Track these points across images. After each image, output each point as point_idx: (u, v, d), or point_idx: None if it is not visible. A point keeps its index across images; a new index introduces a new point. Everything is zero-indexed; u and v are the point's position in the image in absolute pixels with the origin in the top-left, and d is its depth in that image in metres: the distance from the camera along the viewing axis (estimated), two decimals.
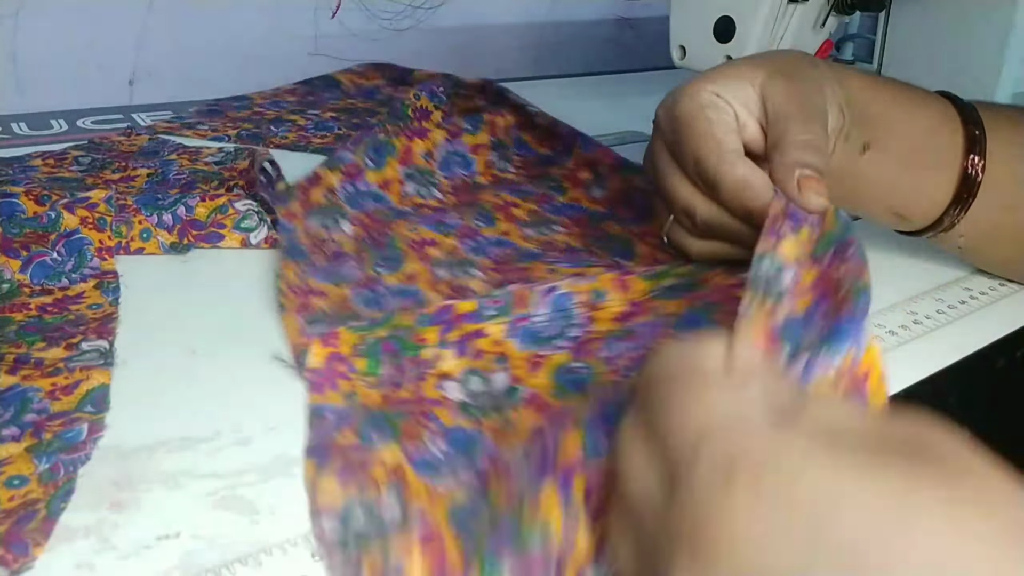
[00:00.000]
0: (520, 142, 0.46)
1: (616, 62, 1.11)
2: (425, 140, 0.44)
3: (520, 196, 0.42)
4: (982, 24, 0.72)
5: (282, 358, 0.33)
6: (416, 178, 0.43)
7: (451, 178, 0.43)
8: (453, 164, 0.43)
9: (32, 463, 0.28)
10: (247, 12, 0.82)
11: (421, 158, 0.43)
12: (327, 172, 0.40)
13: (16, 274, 0.40)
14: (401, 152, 0.42)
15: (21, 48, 0.72)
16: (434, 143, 0.45)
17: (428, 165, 0.44)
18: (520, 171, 0.44)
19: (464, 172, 0.43)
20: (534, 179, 0.43)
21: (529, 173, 0.43)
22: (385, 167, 0.41)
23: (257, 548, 0.26)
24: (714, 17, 0.57)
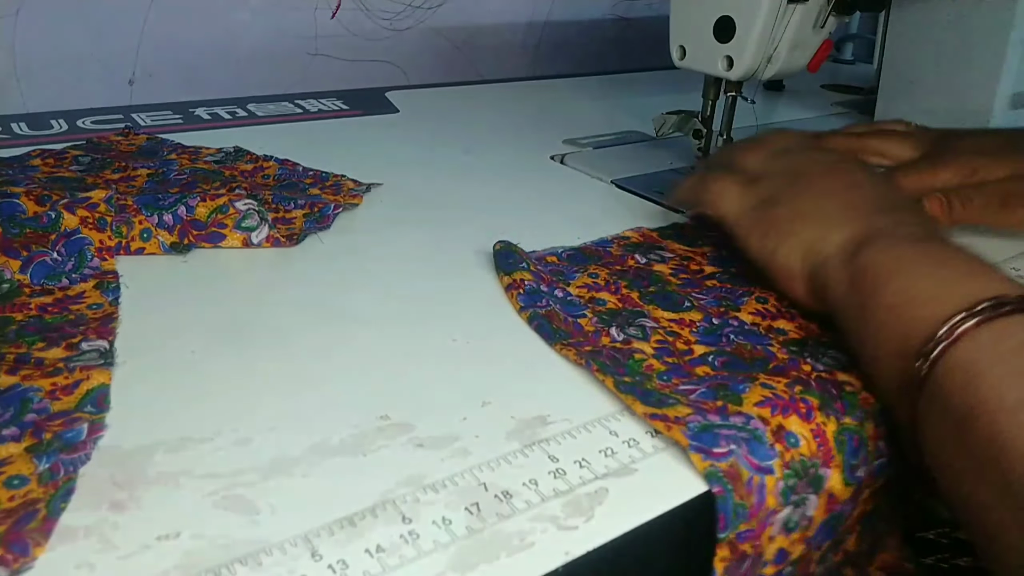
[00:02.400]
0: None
1: (616, 62, 1.11)
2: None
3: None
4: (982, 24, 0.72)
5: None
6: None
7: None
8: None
9: (32, 463, 0.28)
10: (247, 12, 0.82)
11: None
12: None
13: (16, 274, 0.40)
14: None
15: (21, 48, 0.72)
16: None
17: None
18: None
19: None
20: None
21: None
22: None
23: (257, 548, 0.26)
24: (714, 17, 0.57)
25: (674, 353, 0.38)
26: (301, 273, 0.44)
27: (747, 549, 0.30)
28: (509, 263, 0.44)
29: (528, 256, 0.45)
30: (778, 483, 0.30)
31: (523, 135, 0.71)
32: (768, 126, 0.81)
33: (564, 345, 0.37)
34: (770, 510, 0.30)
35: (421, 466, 0.30)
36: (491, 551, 0.26)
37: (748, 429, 0.31)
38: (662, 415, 0.32)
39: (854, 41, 1.14)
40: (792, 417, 0.32)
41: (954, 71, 0.75)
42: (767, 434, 0.31)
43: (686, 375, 0.36)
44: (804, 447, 0.32)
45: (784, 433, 0.32)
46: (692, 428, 0.31)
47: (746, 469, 0.30)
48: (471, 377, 0.36)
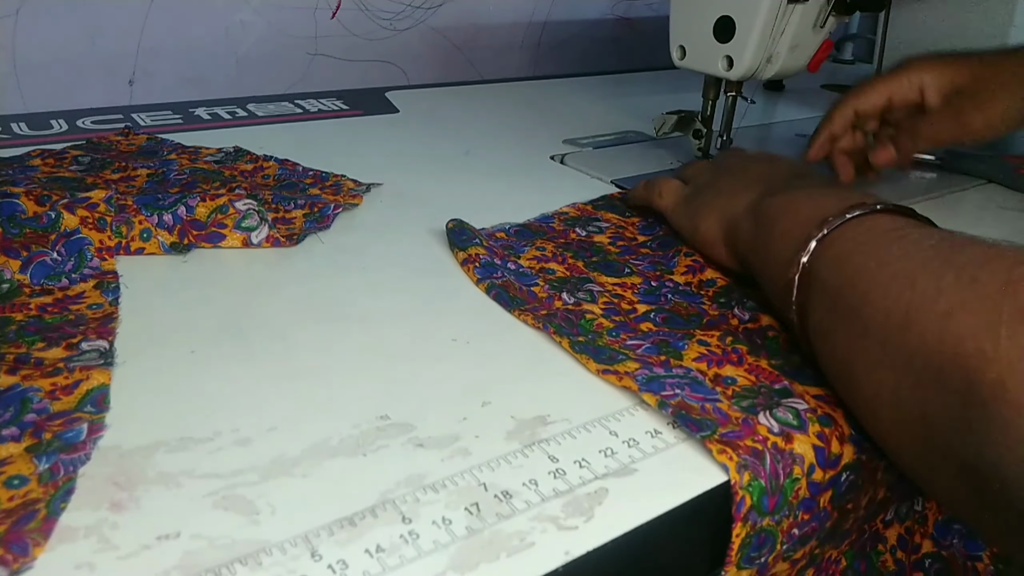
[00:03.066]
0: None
1: (616, 62, 1.11)
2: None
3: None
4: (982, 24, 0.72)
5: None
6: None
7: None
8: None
9: (32, 463, 0.28)
10: (247, 12, 0.82)
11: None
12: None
13: (16, 274, 0.40)
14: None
15: (21, 48, 0.72)
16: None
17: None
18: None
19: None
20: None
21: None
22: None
23: (257, 548, 0.26)
24: (714, 17, 0.57)
25: (620, 312, 0.42)
26: (301, 273, 0.44)
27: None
28: (463, 239, 0.47)
29: (480, 232, 0.48)
30: (732, 406, 0.34)
31: (523, 135, 0.71)
32: (768, 126, 0.81)
33: (522, 311, 0.41)
34: (729, 415, 0.33)
35: (421, 466, 0.30)
36: (491, 551, 0.26)
37: (690, 377, 0.36)
38: (613, 370, 0.36)
39: (854, 41, 1.14)
40: (727, 366, 0.37)
41: None
42: (706, 381, 0.36)
43: (632, 331, 0.40)
44: (741, 381, 0.36)
45: (722, 378, 0.36)
46: (640, 379, 0.35)
47: (694, 403, 0.34)
48: (471, 377, 0.36)
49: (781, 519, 0.31)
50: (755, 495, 0.30)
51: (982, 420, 0.25)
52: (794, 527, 0.32)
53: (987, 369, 0.25)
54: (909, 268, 0.30)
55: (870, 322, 0.30)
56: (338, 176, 0.57)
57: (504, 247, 0.48)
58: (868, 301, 0.31)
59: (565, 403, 0.34)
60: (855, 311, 0.31)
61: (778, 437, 0.32)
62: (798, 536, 0.32)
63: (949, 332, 0.26)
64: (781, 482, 0.31)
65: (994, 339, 0.25)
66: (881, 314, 0.30)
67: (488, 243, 0.47)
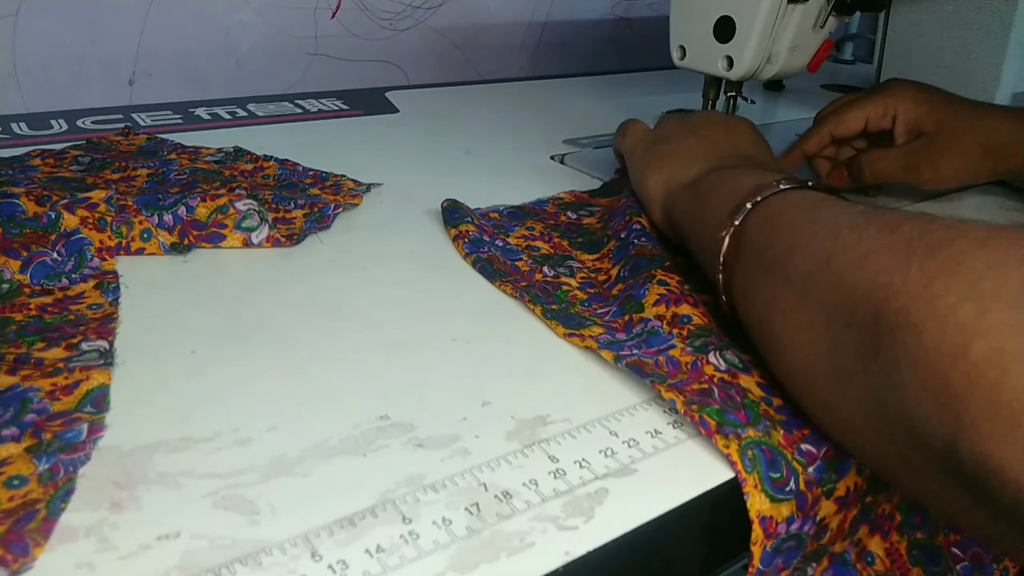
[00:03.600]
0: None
1: (616, 62, 1.11)
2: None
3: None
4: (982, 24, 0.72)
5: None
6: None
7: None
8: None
9: (32, 463, 0.28)
10: (247, 12, 0.82)
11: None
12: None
13: (16, 274, 0.40)
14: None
15: (21, 48, 0.72)
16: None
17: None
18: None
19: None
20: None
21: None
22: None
23: (257, 548, 0.26)
24: (714, 17, 0.57)
25: (595, 285, 0.44)
26: (301, 273, 0.44)
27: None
28: (455, 217, 0.50)
29: (473, 212, 0.51)
30: (684, 351, 0.36)
31: (523, 135, 0.71)
32: (768, 126, 0.81)
33: (503, 282, 0.43)
34: (680, 362, 0.36)
35: (421, 466, 0.30)
36: (491, 551, 0.26)
37: (648, 331, 0.38)
38: (579, 334, 0.38)
39: (854, 41, 1.14)
40: (684, 305, 0.39)
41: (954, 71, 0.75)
42: (663, 326, 0.38)
43: (603, 300, 0.42)
44: (696, 320, 0.38)
45: (678, 317, 0.38)
46: (602, 341, 0.38)
47: (648, 359, 0.36)
48: (471, 377, 0.36)
49: (768, 429, 0.32)
50: (715, 416, 0.32)
51: (887, 346, 0.26)
52: (796, 442, 0.32)
53: (894, 299, 0.26)
54: (834, 224, 0.31)
55: (792, 272, 0.32)
56: (338, 176, 0.57)
57: (495, 226, 0.50)
58: (792, 253, 0.32)
59: (565, 403, 0.34)
60: (779, 263, 0.33)
61: (723, 374, 0.35)
62: (808, 453, 0.32)
63: (864, 271, 0.28)
64: (740, 401, 0.33)
65: (904, 272, 0.26)
66: (802, 263, 0.31)
67: (479, 222, 0.49)
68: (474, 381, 0.35)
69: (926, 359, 0.24)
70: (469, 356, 0.37)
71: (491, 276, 0.44)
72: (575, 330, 0.38)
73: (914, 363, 0.25)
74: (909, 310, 0.25)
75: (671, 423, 0.33)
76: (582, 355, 0.38)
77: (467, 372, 0.36)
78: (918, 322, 0.25)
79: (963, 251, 0.25)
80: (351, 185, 0.56)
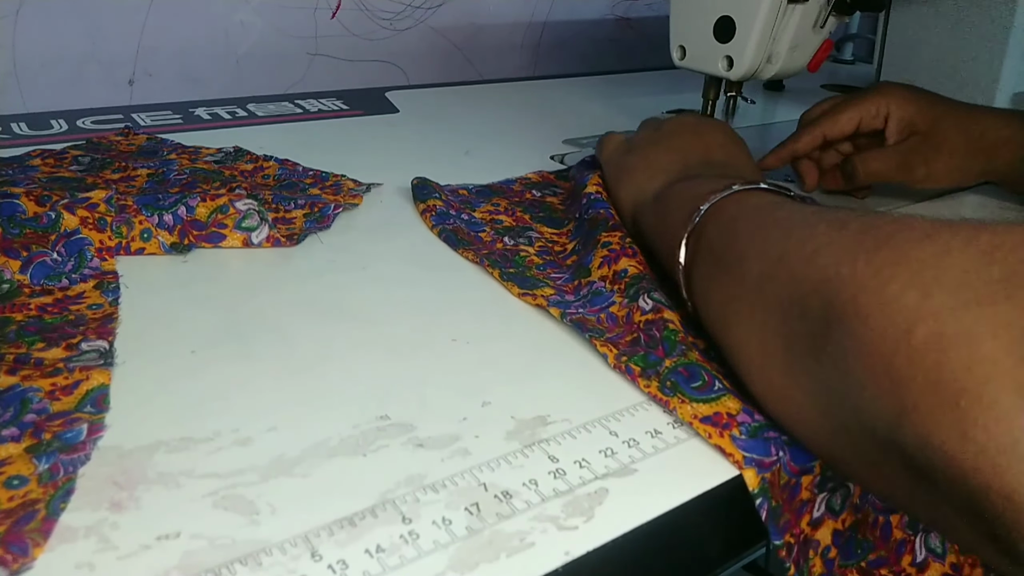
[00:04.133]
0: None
1: (616, 62, 1.11)
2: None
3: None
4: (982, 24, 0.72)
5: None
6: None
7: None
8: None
9: (32, 463, 0.28)
10: (247, 12, 0.82)
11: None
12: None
13: (16, 274, 0.40)
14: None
15: (21, 48, 0.72)
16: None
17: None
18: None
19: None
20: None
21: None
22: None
23: (257, 548, 0.26)
24: (714, 17, 0.57)
25: (552, 253, 0.48)
26: (301, 273, 0.44)
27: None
28: (424, 193, 0.53)
29: (442, 188, 0.54)
30: (622, 303, 0.40)
31: (523, 135, 0.71)
32: (768, 126, 0.81)
33: (465, 249, 0.46)
34: (617, 317, 0.39)
35: (421, 466, 0.30)
36: (491, 551, 0.26)
37: (593, 291, 0.41)
38: (532, 294, 0.42)
39: (854, 41, 1.14)
40: (622, 259, 0.42)
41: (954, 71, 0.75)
42: (606, 286, 0.41)
43: (557, 267, 0.46)
44: (631, 271, 0.41)
45: (617, 273, 0.41)
46: (552, 301, 0.41)
47: (591, 316, 0.40)
48: (471, 377, 0.36)
49: (684, 352, 0.35)
50: (639, 363, 0.35)
51: (835, 335, 0.27)
52: (713, 360, 0.36)
53: (843, 290, 0.27)
54: (787, 224, 0.32)
55: (747, 273, 0.33)
56: (338, 176, 0.57)
57: (462, 202, 0.54)
58: (747, 255, 0.33)
59: (565, 403, 0.34)
60: (734, 265, 0.34)
61: (649, 314, 0.38)
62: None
63: (814, 266, 0.29)
64: (659, 336, 0.36)
65: (852, 265, 0.27)
66: (757, 263, 0.32)
67: (447, 197, 0.53)
68: (474, 381, 0.35)
69: (871, 345, 0.25)
70: (469, 356, 0.37)
71: (455, 244, 0.47)
72: (528, 290, 0.42)
73: (860, 350, 0.25)
74: (856, 300, 0.26)
75: (671, 423, 0.33)
76: (582, 355, 0.38)
77: (467, 372, 0.36)
78: (864, 310, 0.26)
79: (908, 242, 0.26)
80: (351, 185, 0.56)
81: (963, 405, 0.22)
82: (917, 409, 0.24)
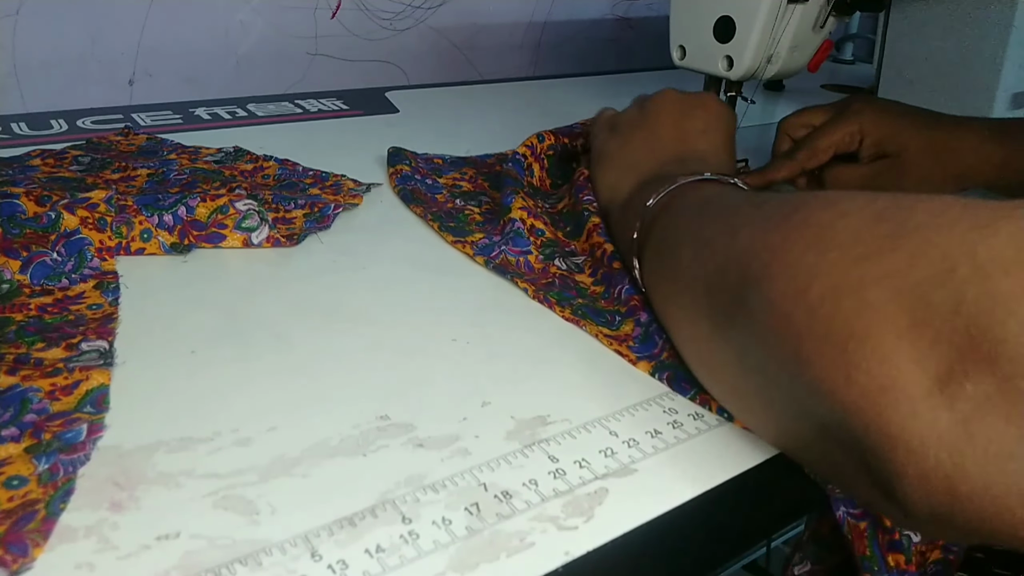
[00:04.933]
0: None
1: (616, 62, 1.11)
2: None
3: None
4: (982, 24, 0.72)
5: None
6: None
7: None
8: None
9: (31, 464, 0.28)
10: (247, 12, 0.82)
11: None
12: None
13: (16, 274, 0.40)
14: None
15: (21, 48, 0.72)
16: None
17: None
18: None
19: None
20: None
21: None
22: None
23: (257, 548, 0.26)
24: (714, 17, 0.57)
25: (494, 213, 0.51)
26: (301, 273, 0.44)
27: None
28: (395, 159, 0.58)
29: (415, 156, 0.59)
30: (538, 257, 0.46)
31: (523, 135, 0.71)
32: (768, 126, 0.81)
33: (415, 205, 0.52)
34: (534, 267, 0.45)
35: (421, 466, 0.30)
36: (491, 551, 0.26)
37: (514, 230, 0.46)
38: (463, 241, 0.47)
39: (854, 41, 1.14)
40: (539, 221, 0.47)
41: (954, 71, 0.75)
42: (524, 230, 0.46)
43: (492, 219, 0.50)
44: (547, 235, 0.47)
45: (535, 230, 0.47)
46: (479, 246, 0.46)
47: (512, 258, 0.45)
48: (471, 377, 0.36)
49: (592, 299, 0.42)
50: (555, 296, 0.42)
51: (749, 300, 0.29)
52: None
53: (755, 259, 0.29)
54: (718, 212, 0.35)
55: (681, 257, 0.35)
56: (338, 176, 0.57)
57: (432, 168, 0.58)
58: (682, 242, 0.36)
59: (565, 403, 0.34)
60: (673, 256, 0.36)
61: (564, 272, 0.45)
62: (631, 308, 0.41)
63: (735, 241, 0.31)
64: (573, 287, 0.43)
65: (763, 237, 0.29)
66: (690, 247, 0.35)
67: (416, 163, 0.58)
68: (474, 381, 0.35)
69: (775, 302, 0.27)
70: (469, 356, 0.37)
71: (408, 201, 0.53)
72: (460, 238, 0.47)
73: (766, 307, 0.27)
74: (767, 264, 0.28)
75: (671, 423, 0.33)
76: (582, 355, 0.38)
77: (467, 372, 0.36)
78: (772, 272, 0.28)
79: (812, 211, 0.28)
80: (351, 185, 0.56)
81: (850, 349, 0.24)
82: (811, 359, 0.25)
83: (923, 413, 0.23)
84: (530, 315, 0.41)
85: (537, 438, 0.32)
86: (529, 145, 0.56)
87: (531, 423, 0.33)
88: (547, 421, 0.33)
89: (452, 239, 0.47)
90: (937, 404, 0.22)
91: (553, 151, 0.58)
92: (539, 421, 0.33)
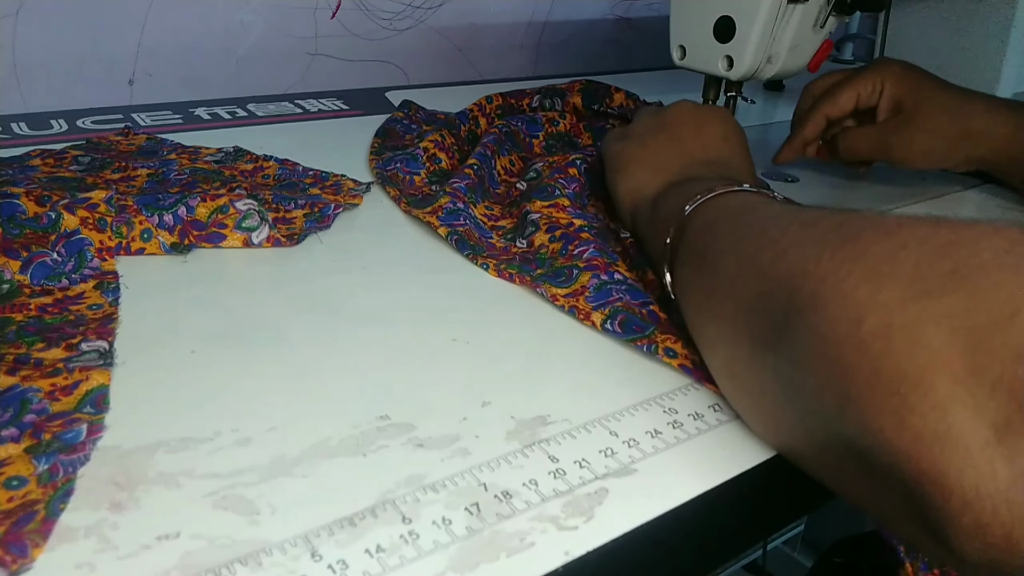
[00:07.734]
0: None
1: (616, 62, 1.11)
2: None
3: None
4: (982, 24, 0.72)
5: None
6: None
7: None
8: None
9: (31, 464, 0.28)
10: (247, 12, 0.82)
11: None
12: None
13: (16, 274, 0.40)
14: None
15: (21, 48, 0.72)
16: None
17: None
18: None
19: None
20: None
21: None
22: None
23: (257, 548, 0.26)
24: (714, 17, 0.57)
25: (466, 179, 0.54)
26: (301, 273, 0.44)
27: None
28: (381, 130, 0.66)
29: (420, 108, 0.70)
30: (499, 239, 0.49)
31: None
32: (768, 126, 0.81)
33: (391, 187, 0.55)
34: (495, 245, 0.48)
35: (421, 466, 0.30)
36: (491, 551, 0.26)
37: (475, 220, 0.50)
38: (431, 211, 0.50)
39: (854, 41, 1.14)
40: (504, 220, 0.51)
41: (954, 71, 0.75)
42: (488, 223, 0.51)
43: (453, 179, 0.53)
44: (507, 226, 0.50)
45: (497, 227, 0.50)
46: (446, 211, 0.49)
47: (475, 232, 0.48)
48: (471, 377, 0.36)
49: (551, 265, 0.45)
50: (515, 268, 0.46)
51: (794, 326, 0.27)
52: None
53: (806, 284, 0.27)
54: (762, 224, 0.33)
55: (722, 270, 0.34)
56: (338, 176, 0.57)
57: (416, 136, 0.63)
58: (723, 253, 0.34)
59: (565, 403, 0.34)
60: (712, 265, 0.35)
61: (523, 249, 0.47)
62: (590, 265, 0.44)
63: (783, 262, 0.29)
64: (533, 260, 0.45)
65: (816, 261, 0.27)
66: (732, 261, 0.33)
67: (417, 114, 0.66)
68: (474, 381, 0.35)
69: (824, 334, 0.26)
70: (469, 356, 0.37)
71: (385, 182, 0.56)
72: (426, 208, 0.50)
73: (813, 340, 0.26)
74: (816, 293, 0.27)
75: (671, 423, 0.33)
76: (582, 355, 0.38)
77: (467, 372, 0.36)
78: (821, 302, 0.26)
79: (870, 240, 0.27)
80: (351, 185, 0.56)
81: (903, 392, 0.23)
82: (860, 397, 0.24)
83: (981, 465, 0.22)
84: (530, 315, 0.41)
85: (537, 438, 0.32)
86: (478, 104, 0.63)
87: (531, 423, 0.33)
88: (547, 421, 0.33)
89: (419, 211, 0.50)
90: (995, 456, 0.22)
91: (501, 111, 0.65)
92: (539, 421, 0.33)
